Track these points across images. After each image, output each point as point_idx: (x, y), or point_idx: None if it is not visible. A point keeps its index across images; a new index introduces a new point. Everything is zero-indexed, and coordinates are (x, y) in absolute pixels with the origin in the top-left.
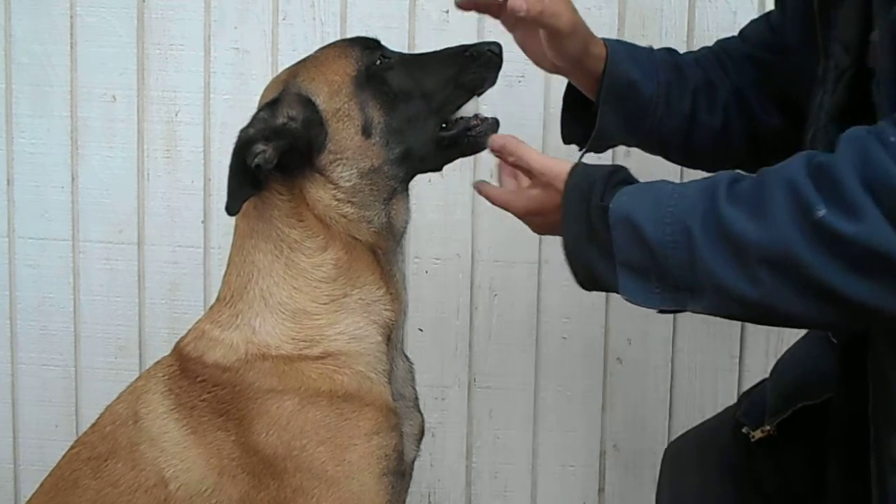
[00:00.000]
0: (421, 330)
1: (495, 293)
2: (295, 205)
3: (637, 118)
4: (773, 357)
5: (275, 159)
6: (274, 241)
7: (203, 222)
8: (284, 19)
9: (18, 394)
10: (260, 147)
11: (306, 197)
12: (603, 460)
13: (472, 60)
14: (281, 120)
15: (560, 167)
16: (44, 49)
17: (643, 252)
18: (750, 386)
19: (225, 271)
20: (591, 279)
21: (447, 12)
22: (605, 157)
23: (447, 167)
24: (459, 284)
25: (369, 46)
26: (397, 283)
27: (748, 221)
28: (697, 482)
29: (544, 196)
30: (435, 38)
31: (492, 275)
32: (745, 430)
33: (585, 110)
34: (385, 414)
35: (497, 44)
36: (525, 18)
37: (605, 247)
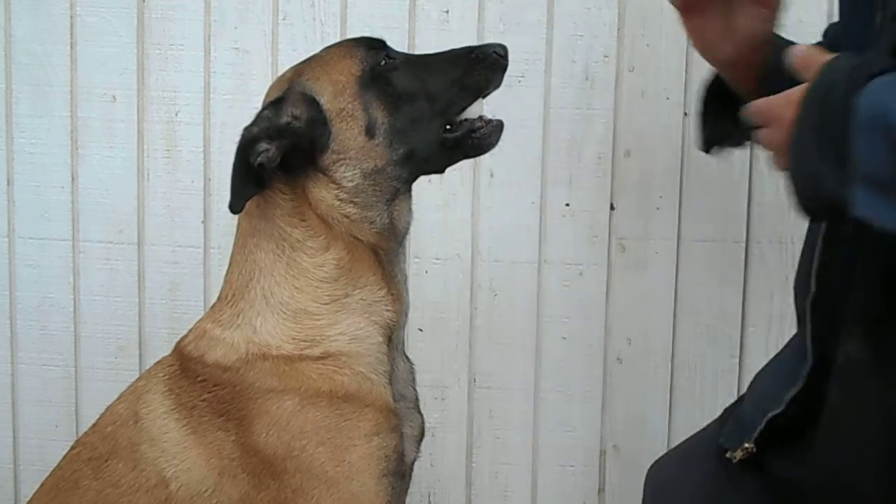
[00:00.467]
0: (421, 330)
1: (495, 293)
2: (297, 204)
3: None
4: None
5: (278, 158)
6: (276, 241)
7: (203, 222)
8: (284, 19)
9: (18, 394)
10: (263, 146)
11: (309, 196)
12: (603, 460)
13: (478, 62)
14: (285, 119)
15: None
16: (44, 49)
17: None
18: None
19: (227, 270)
20: (816, 198)
21: (447, 12)
22: (606, 157)
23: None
24: (459, 284)
25: (374, 47)
26: (399, 284)
27: None
28: None
29: (783, 101)
30: (435, 38)
31: (492, 275)
32: (728, 455)
33: (728, 108)
34: (385, 415)
35: (503, 45)
36: None
37: (841, 155)
